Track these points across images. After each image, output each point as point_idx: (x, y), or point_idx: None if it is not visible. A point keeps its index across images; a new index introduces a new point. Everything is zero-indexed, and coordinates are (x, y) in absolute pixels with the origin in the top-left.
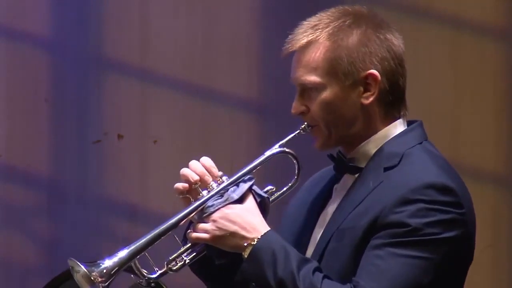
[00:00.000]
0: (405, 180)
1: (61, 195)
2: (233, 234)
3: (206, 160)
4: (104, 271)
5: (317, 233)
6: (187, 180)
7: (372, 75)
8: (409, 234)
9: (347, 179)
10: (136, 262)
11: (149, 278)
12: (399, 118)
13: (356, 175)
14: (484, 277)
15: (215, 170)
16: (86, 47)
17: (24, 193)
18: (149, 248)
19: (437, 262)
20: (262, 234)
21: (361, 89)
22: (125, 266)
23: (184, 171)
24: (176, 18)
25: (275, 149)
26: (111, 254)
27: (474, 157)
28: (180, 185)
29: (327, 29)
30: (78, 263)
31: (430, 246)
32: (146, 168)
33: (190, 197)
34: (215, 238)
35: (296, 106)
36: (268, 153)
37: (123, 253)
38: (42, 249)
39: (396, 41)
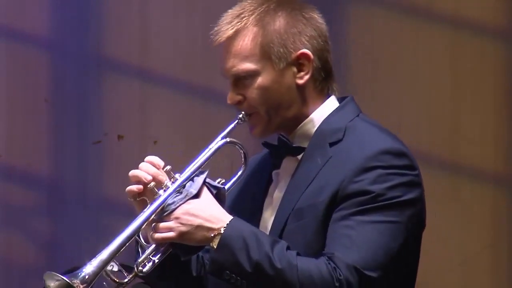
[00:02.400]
0: (358, 151)
1: (61, 195)
2: (199, 228)
3: (154, 158)
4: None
5: (267, 221)
6: (139, 182)
7: (304, 54)
8: (373, 200)
9: (289, 162)
10: (107, 270)
11: (121, 283)
12: (330, 95)
13: (299, 157)
14: (484, 277)
15: (162, 167)
16: (86, 47)
17: (24, 193)
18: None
19: (404, 224)
20: (228, 222)
21: (295, 69)
22: (96, 278)
23: (135, 172)
24: (176, 18)
25: (220, 141)
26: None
27: (474, 156)
28: (134, 187)
29: (253, 16)
30: (59, 275)
31: (395, 209)
32: None
33: (146, 199)
34: (181, 234)
35: (231, 97)
36: (213, 145)
37: (91, 267)
38: (42, 249)
39: (320, 19)
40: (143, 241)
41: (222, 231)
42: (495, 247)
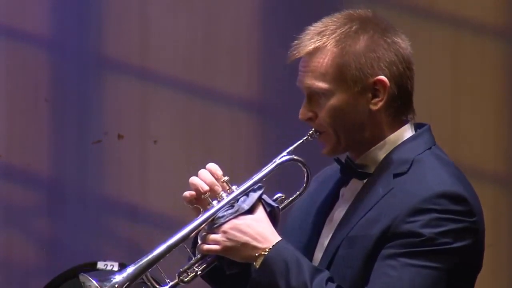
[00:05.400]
0: (417, 189)
1: (61, 195)
2: (244, 245)
3: (214, 167)
4: (116, 285)
5: (325, 238)
6: (196, 190)
7: (380, 81)
8: (422, 244)
9: (355, 184)
10: (148, 273)
11: None
12: (407, 123)
13: (364, 181)
14: (484, 277)
15: (221, 176)
16: (86, 47)
17: (24, 193)
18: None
19: (450, 272)
20: (274, 244)
21: (370, 95)
22: (136, 280)
23: (194, 180)
24: (176, 18)
25: (284, 156)
26: (123, 267)
27: (474, 157)
28: (188, 193)
29: (334, 36)
30: (90, 278)
31: (443, 256)
32: (146, 168)
33: (200, 207)
34: (226, 249)
35: (303, 112)
36: (277, 161)
37: (134, 268)
38: (42, 249)
39: (404, 43)
40: (196, 251)
41: (266, 252)
42: (495, 247)
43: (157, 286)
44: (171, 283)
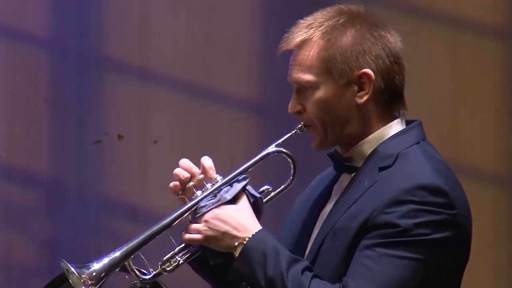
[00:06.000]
0: (397, 181)
1: (61, 195)
2: (225, 234)
3: (206, 161)
4: (94, 273)
5: (315, 233)
6: (179, 179)
7: (366, 74)
8: (399, 234)
9: (344, 179)
10: (131, 262)
11: (144, 279)
12: (396, 118)
13: (353, 175)
14: (484, 277)
15: (212, 171)
16: (86, 47)
17: (24, 193)
18: (142, 249)
19: (428, 263)
20: (253, 233)
21: (356, 88)
22: (116, 268)
23: (176, 170)
24: (176, 18)
25: (271, 148)
26: (107, 253)
27: (474, 157)
28: (172, 184)
29: (321, 28)
30: (69, 265)
31: (420, 246)
32: (146, 168)
33: (185, 198)
34: (207, 238)
35: (292, 105)
36: (263, 152)
37: (113, 255)
38: (42, 249)
39: (393, 38)
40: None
41: (245, 241)
42: (495, 247)
43: (140, 275)
44: (154, 272)
